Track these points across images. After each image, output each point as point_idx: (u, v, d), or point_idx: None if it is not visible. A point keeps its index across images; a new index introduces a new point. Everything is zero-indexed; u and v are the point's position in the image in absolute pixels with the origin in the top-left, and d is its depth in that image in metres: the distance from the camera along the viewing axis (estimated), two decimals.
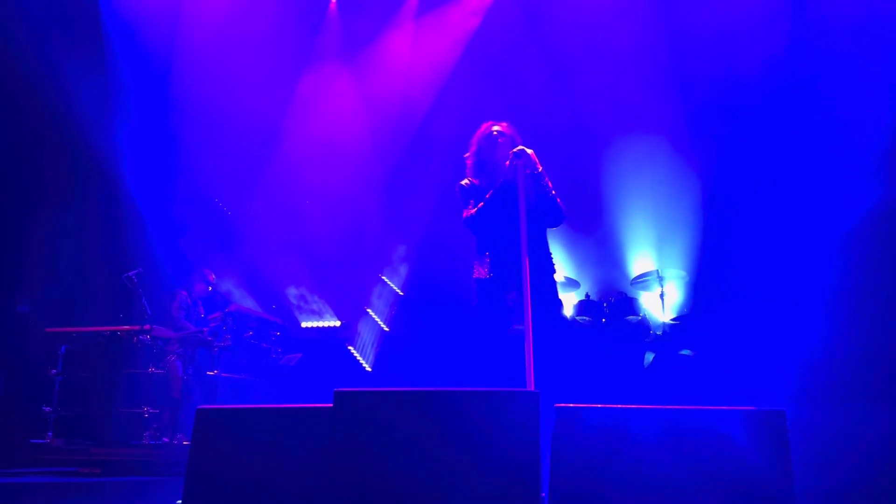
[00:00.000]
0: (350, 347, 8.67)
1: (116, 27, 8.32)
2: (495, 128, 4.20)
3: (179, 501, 2.76)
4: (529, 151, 4.01)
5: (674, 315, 6.87)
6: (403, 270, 8.94)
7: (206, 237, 8.57)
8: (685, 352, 6.31)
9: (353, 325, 8.83)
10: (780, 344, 6.07)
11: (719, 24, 7.02)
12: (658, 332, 6.54)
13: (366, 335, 8.81)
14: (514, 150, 4.03)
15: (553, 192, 4.06)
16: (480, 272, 4.04)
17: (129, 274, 6.80)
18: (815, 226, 6.43)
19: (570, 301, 6.97)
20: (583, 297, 6.90)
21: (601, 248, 7.60)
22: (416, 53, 8.89)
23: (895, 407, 5.03)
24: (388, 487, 2.40)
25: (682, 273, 6.88)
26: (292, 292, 8.98)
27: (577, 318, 6.76)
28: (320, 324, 8.96)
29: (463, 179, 4.24)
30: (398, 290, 8.93)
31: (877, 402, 5.22)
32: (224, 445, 2.79)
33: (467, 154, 4.28)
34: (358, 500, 2.42)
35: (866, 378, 5.69)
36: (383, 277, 9.00)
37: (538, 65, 8.07)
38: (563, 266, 7.17)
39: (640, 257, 7.36)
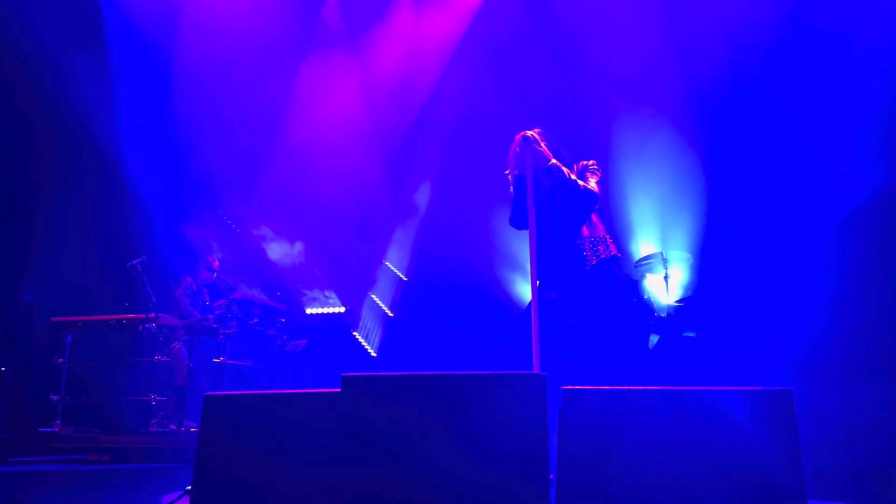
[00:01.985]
0: (355, 333, 8.70)
1: (116, 14, 8.28)
2: (530, 132, 4.12)
3: (189, 487, 2.77)
4: (530, 133, 4.00)
5: (678, 297, 6.86)
6: (406, 257, 8.95)
7: (210, 225, 8.57)
8: (688, 333, 6.31)
9: (357, 311, 8.85)
10: (786, 325, 6.07)
11: (724, 3, 6.97)
12: (662, 315, 6.54)
13: (370, 321, 8.83)
14: (520, 136, 4.02)
15: (573, 176, 4.04)
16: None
17: (134, 262, 6.82)
18: (820, 207, 6.41)
19: None
20: None
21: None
22: (418, 34, 8.85)
23: None
24: (396, 470, 2.41)
25: (687, 255, 6.87)
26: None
27: None
28: (325, 310, 8.97)
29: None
30: (402, 276, 8.94)
31: (884, 381, 5.22)
32: (232, 431, 2.80)
33: (507, 170, 4.26)
34: (367, 483, 2.43)
35: (872, 358, 5.69)
36: (387, 263, 9.00)
37: (541, 44, 8.02)
38: None
39: (645, 240, 7.34)
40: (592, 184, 4.12)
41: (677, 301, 6.70)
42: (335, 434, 2.53)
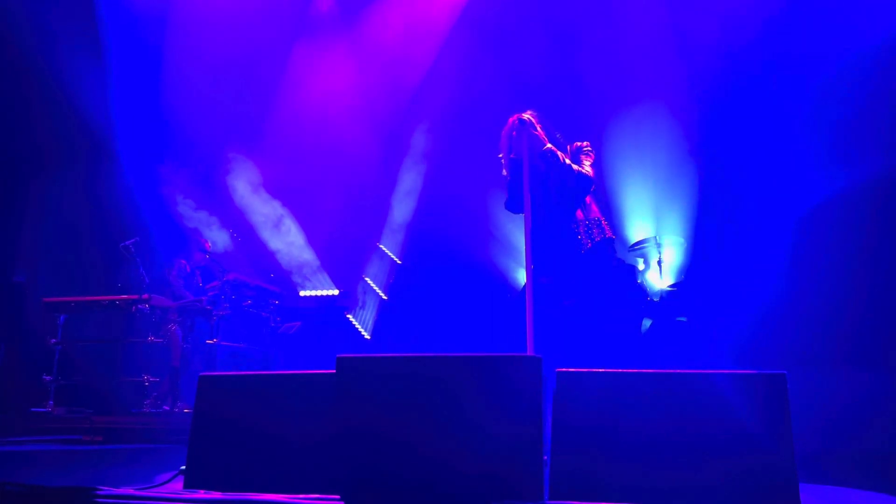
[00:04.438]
0: (349, 316, 8.70)
1: None
2: (526, 115, 4.08)
3: (183, 467, 2.78)
4: (525, 116, 3.99)
5: (671, 282, 6.88)
6: (401, 239, 8.94)
7: (202, 205, 8.54)
8: (681, 318, 6.34)
9: (351, 294, 8.84)
10: (779, 309, 6.09)
11: None
12: (655, 299, 6.56)
13: (364, 303, 8.83)
14: (515, 118, 4.01)
15: (567, 160, 4.03)
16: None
17: (127, 243, 6.80)
18: (814, 192, 6.42)
19: None
20: None
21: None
22: (412, 15, 8.78)
23: (893, 371, 5.08)
24: (390, 452, 2.42)
25: (680, 240, 6.88)
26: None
27: None
28: (319, 292, 8.97)
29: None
30: (396, 259, 8.93)
31: (876, 366, 5.26)
32: (226, 412, 2.81)
33: (500, 154, 4.24)
34: (360, 464, 2.44)
35: (865, 342, 5.72)
36: (381, 246, 8.99)
37: (536, 29, 7.98)
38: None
39: (638, 224, 7.35)
40: (587, 166, 4.11)
41: (671, 286, 6.72)
42: (329, 415, 2.54)
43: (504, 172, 4.22)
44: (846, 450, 4.34)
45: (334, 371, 2.55)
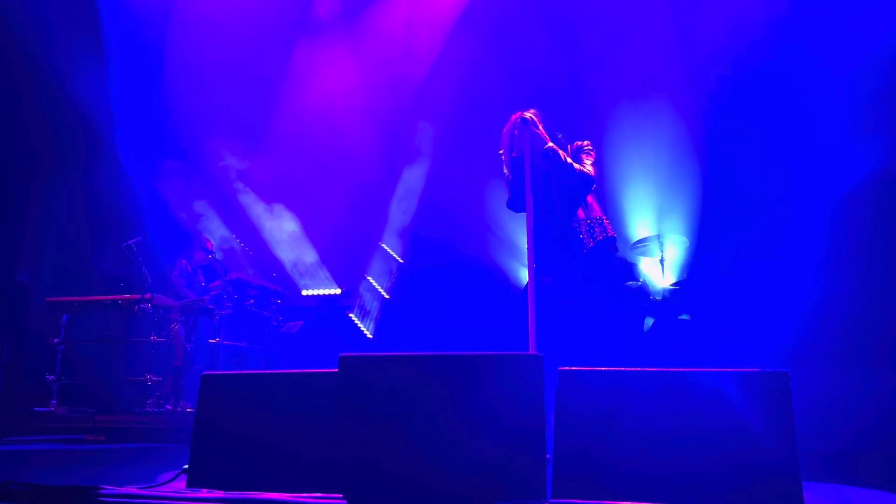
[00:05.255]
0: (351, 315, 8.70)
1: None
2: (528, 113, 4.09)
3: (186, 466, 2.78)
4: (527, 115, 3.99)
5: (674, 280, 6.88)
6: (403, 238, 8.94)
7: (204, 204, 8.55)
8: (683, 316, 6.33)
9: (353, 293, 8.85)
10: (781, 308, 6.09)
11: None
12: (657, 298, 6.55)
13: (367, 302, 8.83)
14: (517, 116, 4.01)
15: (568, 159, 4.03)
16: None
17: (129, 243, 6.80)
18: (814, 191, 6.41)
19: None
20: None
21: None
22: (414, 13, 8.77)
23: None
24: (393, 450, 2.42)
25: (683, 238, 6.87)
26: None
27: None
28: (321, 292, 8.97)
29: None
30: (398, 258, 8.93)
31: (877, 364, 5.26)
32: (229, 411, 2.81)
33: (501, 151, 4.25)
34: (363, 463, 2.44)
35: (866, 341, 5.72)
36: (383, 245, 8.99)
37: (538, 26, 7.97)
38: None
39: (641, 222, 7.34)
40: (588, 165, 4.11)
41: (673, 284, 6.72)
42: (331, 414, 2.54)
43: (505, 171, 4.22)
44: (849, 448, 4.34)
45: (337, 370, 2.55)
